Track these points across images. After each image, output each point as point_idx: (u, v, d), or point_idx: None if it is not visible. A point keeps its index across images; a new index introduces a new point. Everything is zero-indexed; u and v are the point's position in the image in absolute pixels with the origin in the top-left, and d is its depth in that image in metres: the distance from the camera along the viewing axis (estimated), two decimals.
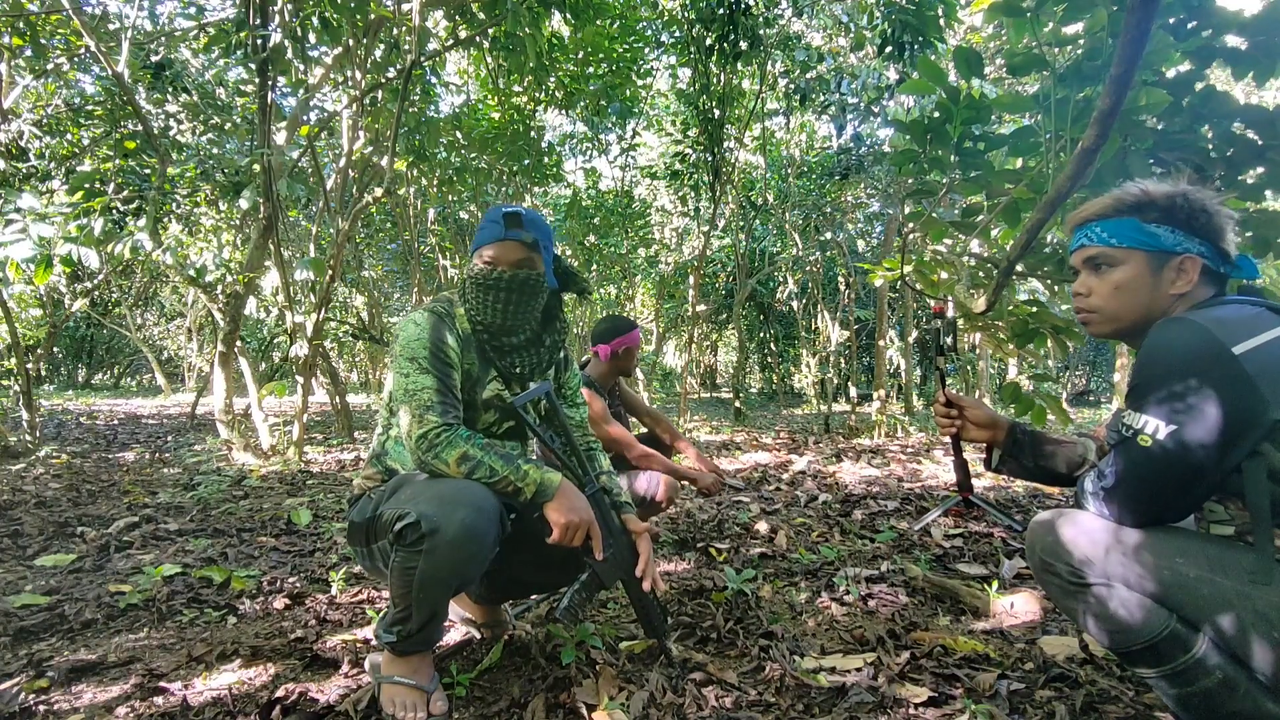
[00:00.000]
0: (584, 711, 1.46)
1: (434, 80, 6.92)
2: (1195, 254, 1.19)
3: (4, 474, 4.36)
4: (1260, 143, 2.04)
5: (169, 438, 6.96)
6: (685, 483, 2.64)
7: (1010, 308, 2.51)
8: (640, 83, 8.74)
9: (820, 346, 13.50)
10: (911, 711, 1.46)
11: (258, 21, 4.37)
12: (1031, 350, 2.57)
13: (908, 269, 2.65)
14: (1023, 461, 1.47)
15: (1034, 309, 2.52)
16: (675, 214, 12.68)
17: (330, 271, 5.03)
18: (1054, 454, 1.44)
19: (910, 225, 2.83)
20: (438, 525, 1.31)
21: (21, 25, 5.02)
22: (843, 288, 12.25)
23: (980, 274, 2.67)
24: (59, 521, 3.22)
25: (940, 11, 4.56)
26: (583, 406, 1.82)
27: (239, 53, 4.65)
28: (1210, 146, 2.13)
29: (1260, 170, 2.10)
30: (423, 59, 5.49)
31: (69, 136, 6.44)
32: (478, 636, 1.87)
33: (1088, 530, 1.17)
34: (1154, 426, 1.09)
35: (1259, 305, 1.14)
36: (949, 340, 1.75)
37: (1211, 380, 1.04)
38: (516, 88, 7.79)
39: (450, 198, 9.93)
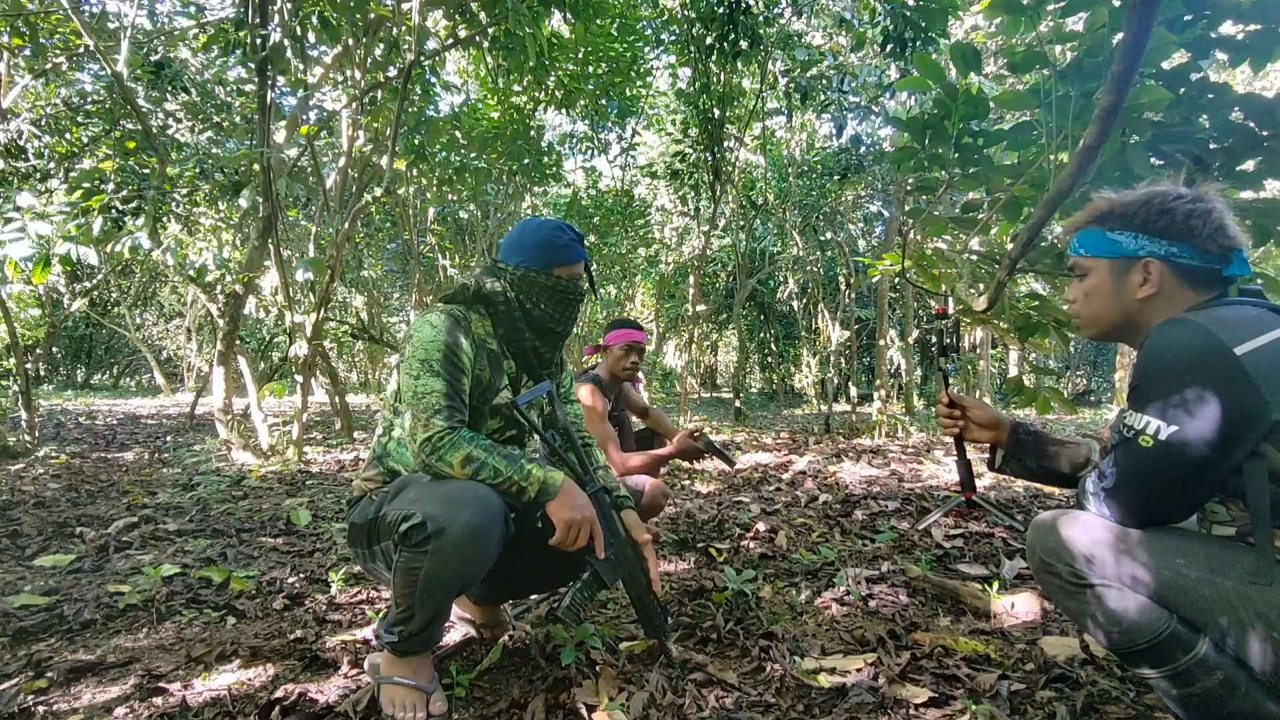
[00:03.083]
0: (584, 712, 1.45)
1: (434, 80, 6.91)
2: (1160, 256, 1.19)
3: (3, 474, 4.35)
4: (1260, 132, 2.03)
5: (168, 438, 6.95)
6: (667, 458, 2.73)
7: (1013, 303, 2.51)
8: (640, 82, 8.73)
9: (820, 346, 13.50)
10: (912, 712, 1.46)
11: (257, 21, 4.37)
12: (1035, 341, 2.57)
13: (908, 264, 2.65)
14: (1025, 462, 1.47)
15: (1035, 303, 2.51)
16: (675, 214, 12.68)
17: (330, 271, 5.02)
18: (1057, 454, 1.43)
19: (910, 221, 2.83)
20: (443, 526, 1.31)
21: (21, 25, 5.01)
22: (843, 287, 12.23)
23: (982, 269, 2.67)
24: (58, 522, 3.21)
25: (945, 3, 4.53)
26: (576, 404, 1.86)
27: (238, 52, 4.64)
28: (1210, 138, 2.12)
29: (1259, 160, 2.10)
30: (422, 58, 5.48)
31: (68, 136, 6.43)
32: (477, 637, 1.87)
33: (1088, 530, 1.17)
34: (1155, 427, 1.09)
35: (1260, 306, 1.14)
36: (951, 341, 1.75)
37: (1212, 380, 1.04)
38: (516, 87, 7.77)
39: (450, 198, 9.93)
